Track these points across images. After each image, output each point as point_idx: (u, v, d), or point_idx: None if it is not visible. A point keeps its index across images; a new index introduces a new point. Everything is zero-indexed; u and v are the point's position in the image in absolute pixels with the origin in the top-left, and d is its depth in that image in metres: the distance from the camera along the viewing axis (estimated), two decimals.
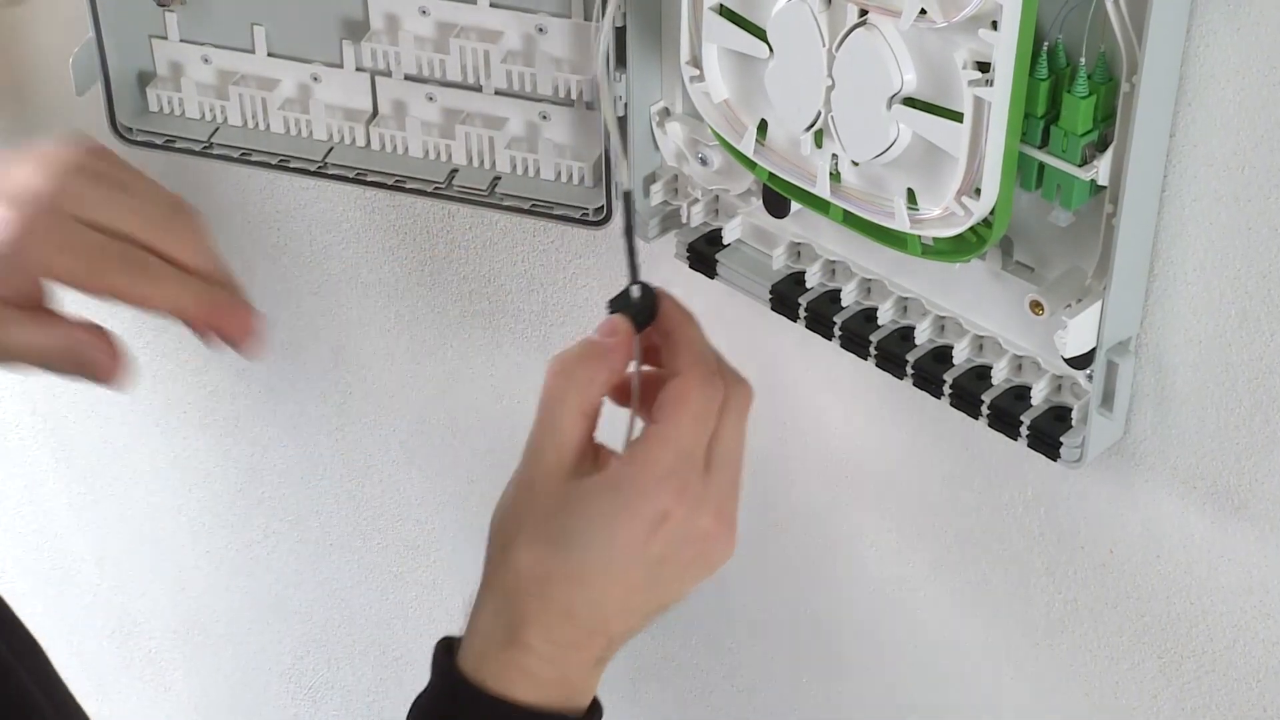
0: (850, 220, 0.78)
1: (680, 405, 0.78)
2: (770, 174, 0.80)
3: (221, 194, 1.13)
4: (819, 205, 0.79)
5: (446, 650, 0.80)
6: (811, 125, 0.77)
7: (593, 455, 0.80)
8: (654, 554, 0.77)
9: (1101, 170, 0.71)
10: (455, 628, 0.79)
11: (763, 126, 0.80)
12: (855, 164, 0.77)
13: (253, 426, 1.26)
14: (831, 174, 0.77)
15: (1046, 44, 0.70)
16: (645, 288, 0.81)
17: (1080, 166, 0.71)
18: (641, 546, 0.77)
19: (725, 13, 0.78)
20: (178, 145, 0.96)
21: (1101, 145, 0.71)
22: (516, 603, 0.77)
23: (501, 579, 0.78)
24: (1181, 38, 0.69)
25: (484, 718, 0.78)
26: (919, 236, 0.76)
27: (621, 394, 0.81)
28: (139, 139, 0.97)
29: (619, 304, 0.81)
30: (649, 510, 0.77)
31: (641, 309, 0.81)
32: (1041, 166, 0.72)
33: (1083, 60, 0.70)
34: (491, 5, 0.89)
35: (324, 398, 1.20)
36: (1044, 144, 0.72)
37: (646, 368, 0.81)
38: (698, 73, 0.80)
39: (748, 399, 0.79)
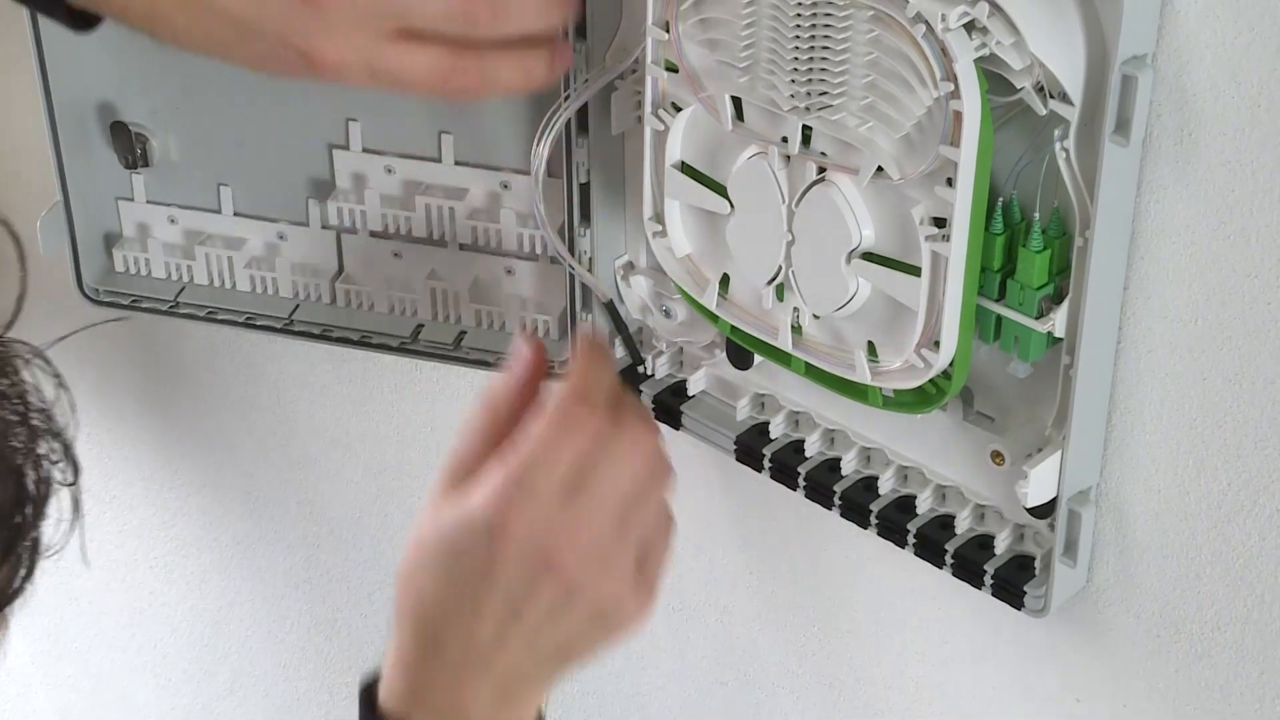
0: (812, 372, 0.79)
1: (525, 430, 0.76)
2: (733, 327, 0.81)
3: (188, 348, 1.13)
4: (781, 358, 0.80)
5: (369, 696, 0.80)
6: (773, 279, 0.77)
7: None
8: (498, 578, 0.75)
9: (1058, 322, 0.72)
10: None
11: (725, 280, 0.81)
12: (816, 317, 0.77)
13: (219, 580, 1.26)
14: (793, 327, 0.78)
15: (1001, 199, 0.71)
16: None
17: (1037, 319, 0.72)
18: (475, 560, 0.75)
19: (687, 170, 0.79)
20: (144, 305, 0.97)
21: (1057, 298, 0.72)
22: (397, 627, 0.77)
23: (395, 608, 0.78)
24: (1132, 193, 0.70)
25: None
26: (880, 388, 0.76)
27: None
28: (105, 299, 0.97)
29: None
30: (470, 516, 0.75)
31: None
32: (999, 319, 0.73)
33: (1037, 215, 0.71)
34: (456, 163, 0.90)
35: (291, 550, 1.20)
36: (1001, 297, 0.73)
37: None
38: (660, 228, 0.81)
39: (637, 445, 0.76)
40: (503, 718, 0.79)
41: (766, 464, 0.85)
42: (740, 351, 0.84)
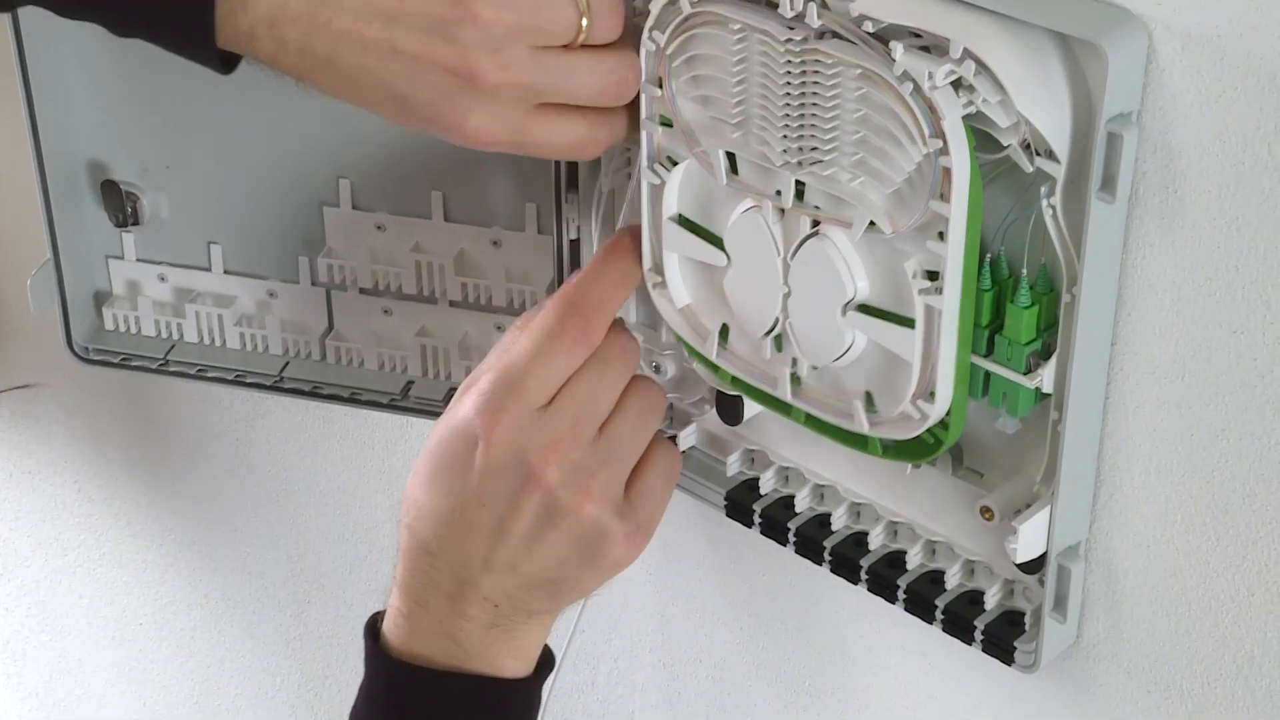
0: (812, 422, 0.79)
1: (512, 331, 0.78)
2: (734, 376, 0.81)
3: (179, 403, 1.13)
4: (781, 407, 0.80)
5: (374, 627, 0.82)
6: (770, 331, 0.78)
7: None
8: (483, 486, 0.76)
9: (1046, 378, 0.72)
10: None
11: (724, 331, 0.81)
12: (815, 368, 0.78)
13: (209, 637, 1.25)
14: (792, 377, 0.78)
15: (989, 255, 0.72)
16: None
17: (1025, 375, 0.72)
18: (462, 467, 0.76)
19: (684, 222, 0.79)
20: (134, 364, 0.97)
21: (1045, 353, 0.72)
22: (401, 543, 0.79)
23: (399, 530, 0.79)
24: (1119, 250, 0.71)
25: (386, 677, 0.79)
26: (879, 438, 0.76)
27: None
28: (95, 358, 0.97)
29: None
30: (458, 419, 0.77)
31: None
32: (987, 375, 0.73)
33: (1025, 271, 0.71)
34: (447, 220, 0.90)
35: (281, 607, 1.19)
36: (989, 353, 0.73)
37: None
38: (660, 279, 0.81)
39: (623, 357, 0.79)
40: (496, 648, 0.79)
41: (756, 519, 0.85)
42: (730, 407, 0.85)
